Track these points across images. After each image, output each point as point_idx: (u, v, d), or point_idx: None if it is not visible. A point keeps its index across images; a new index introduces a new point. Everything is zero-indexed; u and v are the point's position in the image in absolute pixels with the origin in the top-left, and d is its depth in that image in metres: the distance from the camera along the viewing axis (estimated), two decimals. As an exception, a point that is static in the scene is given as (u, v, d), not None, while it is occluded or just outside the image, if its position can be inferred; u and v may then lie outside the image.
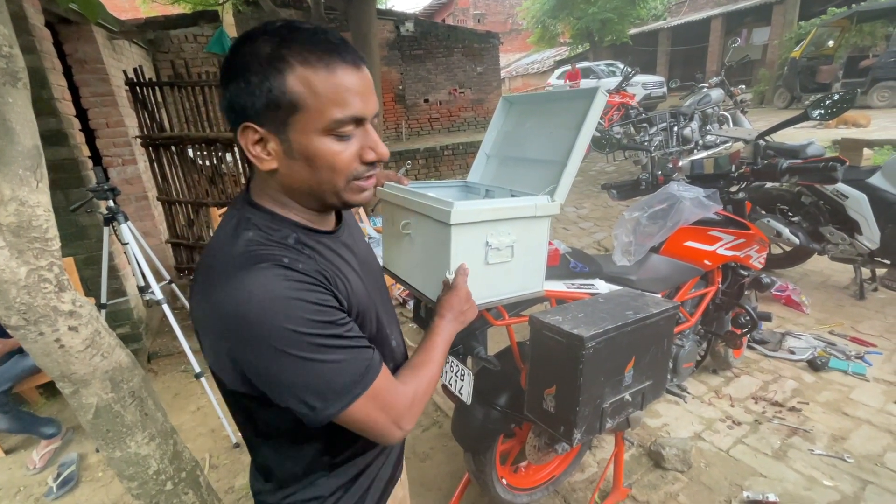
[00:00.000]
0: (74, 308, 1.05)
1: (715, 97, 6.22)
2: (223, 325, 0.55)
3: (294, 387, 0.57)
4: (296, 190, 0.62)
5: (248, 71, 0.55)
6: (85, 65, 3.52)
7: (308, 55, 0.54)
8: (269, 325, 0.53)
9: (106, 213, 2.15)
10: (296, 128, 0.57)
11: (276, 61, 0.54)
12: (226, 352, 0.58)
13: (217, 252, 0.60)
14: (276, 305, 0.54)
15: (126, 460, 1.19)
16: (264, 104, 0.55)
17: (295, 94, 0.55)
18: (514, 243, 1.08)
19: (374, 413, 0.61)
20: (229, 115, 0.59)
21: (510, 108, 1.49)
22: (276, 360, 0.55)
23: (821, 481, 1.69)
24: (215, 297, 0.55)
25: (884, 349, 2.43)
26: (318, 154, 0.58)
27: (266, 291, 0.54)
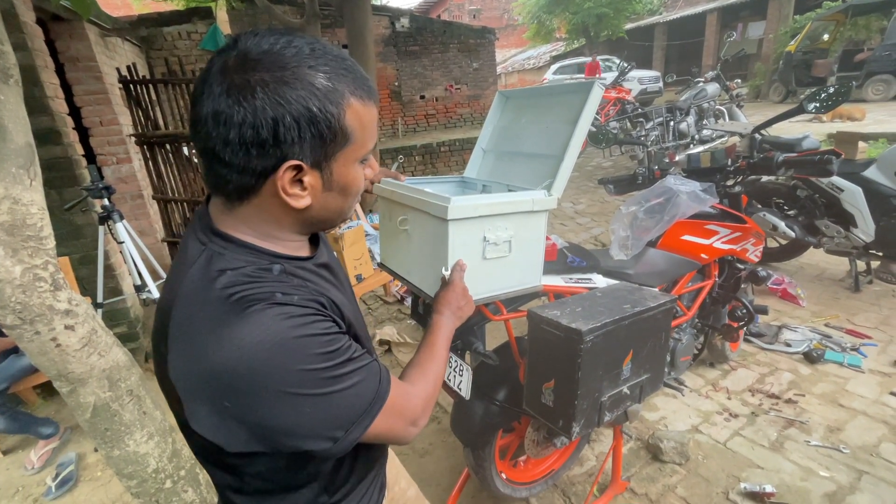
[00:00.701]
0: (70, 307, 1.05)
1: (711, 91, 6.23)
2: (221, 384, 0.49)
3: (315, 425, 0.53)
4: (314, 221, 0.60)
5: (303, 103, 0.49)
6: (77, 62, 3.49)
7: (357, 89, 0.54)
8: (280, 371, 0.49)
9: (101, 212, 2.14)
10: (340, 160, 0.55)
11: (334, 93, 0.51)
12: (228, 414, 0.50)
13: (193, 298, 0.52)
14: (283, 349, 0.49)
15: (125, 459, 1.19)
16: (319, 138, 0.52)
17: (349, 128, 0.54)
18: (511, 238, 1.08)
19: (393, 422, 0.61)
20: (252, 149, 0.49)
21: (506, 103, 1.49)
22: (294, 405, 0.50)
23: (817, 472, 1.71)
24: (207, 355, 0.48)
25: (879, 341, 2.45)
26: (353, 182, 0.59)
27: (268, 336, 0.48)
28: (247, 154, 0.50)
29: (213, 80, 0.50)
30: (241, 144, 0.49)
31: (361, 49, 4.43)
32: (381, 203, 1.29)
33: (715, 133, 5.73)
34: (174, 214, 4.01)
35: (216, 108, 0.49)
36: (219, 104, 0.49)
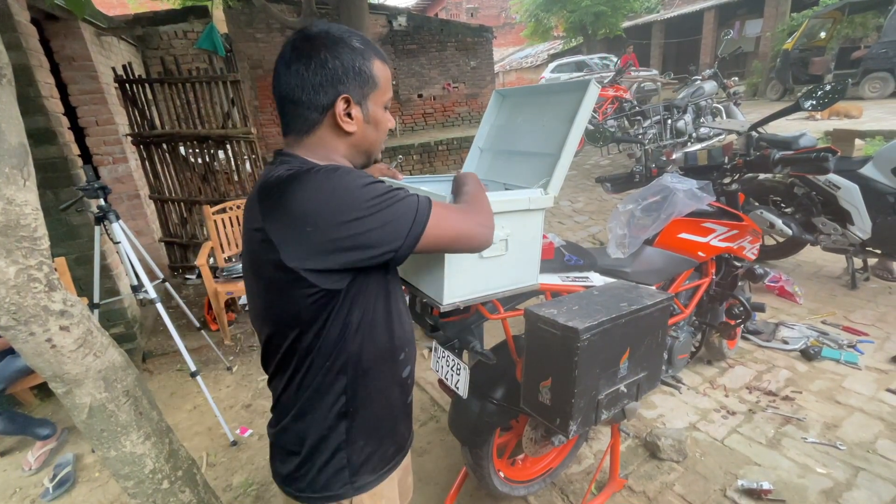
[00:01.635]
0: (65, 307, 1.04)
1: (708, 89, 6.23)
2: (306, 212, 0.66)
3: (373, 232, 0.68)
4: (359, 148, 0.81)
5: (349, 56, 0.73)
6: (72, 62, 3.47)
7: (378, 53, 0.78)
8: (345, 197, 0.67)
9: (96, 212, 2.13)
10: (372, 100, 0.78)
11: (366, 52, 0.75)
12: (313, 237, 0.66)
13: (280, 178, 0.69)
14: (344, 184, 0.68)
15: (121, 460, 1.19)
16: (360, 81, 0.75)
17: (377, 76, 0.77)
18: (508, 237, 1.08)
19: (453, 221, 0.77)
20: (319, 89, 0.73)
21: (503, 102, 1.49)
22: (362, 220, 0.67)
23: (814, 469, 1.71)
24: (291, 197, 0.66)
25: (876, 338, 2.46)
26: (382, 119, 0.81)
27: (346, 177, 0.69)
28: (315, 92, 0.73)
29: (288, 52, 0.74)
30: (311, 86, 0.73)
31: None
32: (378, 202, 1.28)
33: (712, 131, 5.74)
34: (171, 214, 4.00)
35: (291, 64, 0.73)
36: (297, 63, 0.73)
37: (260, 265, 0.72)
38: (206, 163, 3.81)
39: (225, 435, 2.20)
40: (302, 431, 0.79)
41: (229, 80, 3.52)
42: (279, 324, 0.75)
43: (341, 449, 0.79)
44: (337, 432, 0.78)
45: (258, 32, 7.87)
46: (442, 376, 1.42)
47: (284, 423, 0.81)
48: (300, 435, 0.79)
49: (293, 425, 0.79)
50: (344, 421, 0.79)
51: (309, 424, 0.78)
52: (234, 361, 2.89)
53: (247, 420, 2.34)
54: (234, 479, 1.97)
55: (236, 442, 2.18)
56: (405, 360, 0.86)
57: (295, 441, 0.79)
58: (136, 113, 3.66)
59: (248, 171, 3.83)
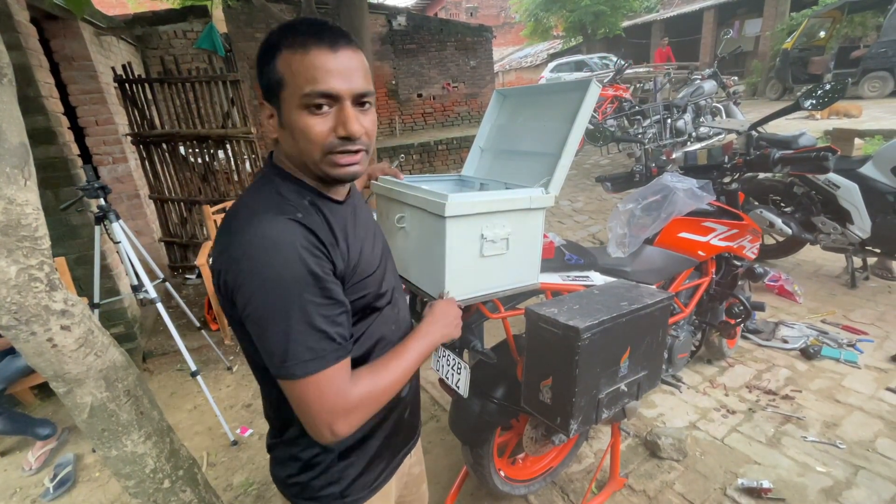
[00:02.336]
0: (66, 307, 1.04)
1: (708, 89, 6.23)
2: (233, 257, 0.61)
3: (263, 332, 0.62)
4: (291, 158, 0.70)
5: (260, 59, 0.66)
6: (72, 62, 3.47)
7: (292, 40, 0.63)
8: (267, 268, 0.60)
9: (97, 212, 2.12)
10: (283, 102, 0.65)
11: (273, 48, 0.64)
12: (229, 283, 0.62)
13: (245, 199, 0.68)
14: (279, 253, 0.60)
15: (122, 459, 1.19)
16: (266, 84, 0.66)
17: (280, 73, 0.64)
18: (509, 236, 1.08)
19: (310, 401, 0.63)
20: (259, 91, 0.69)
21: (504, 102, 1.49)
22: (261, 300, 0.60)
23: (814, 467, 1.72)
24: (234, 233, 0.63)
25: (875, 337, 2.46)
26: (296, 125, 0.65)
27: (276, 237, 0.61)
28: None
29: None
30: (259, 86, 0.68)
31: (358, 47, 4.41)
32: (379, 201, 1.29)
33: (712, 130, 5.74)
34: (171, 214, 4.00)
35: None
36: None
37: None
38: (205, 162, 3.81)
39: (225, 434, 2.20)
40: (289, 448, 0.77)
41: (229, 80, 3.52)
42: (241, 340, 0.70)
43: (331, 466, 0.76)
44: (325, 451, 0.75)
45: (258, 32, 7.86)
46: (442, 376, 1.42)
47: (272, 441, 0.80)
48: (289, 452, 0.77)
49: (280, 443, 0.78)
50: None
51: (294, 442, 0.76)
52: (235, 361, 2.89)
53: (247, 420, 2.34)
54: (234, 479, 1.97)
55: (237, 441, 2.18)
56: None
57: (285, 456, 0.78)
58: (136, 113, 3.66)
59: (247, 171, 3.83)
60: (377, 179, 1.25)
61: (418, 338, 0.81)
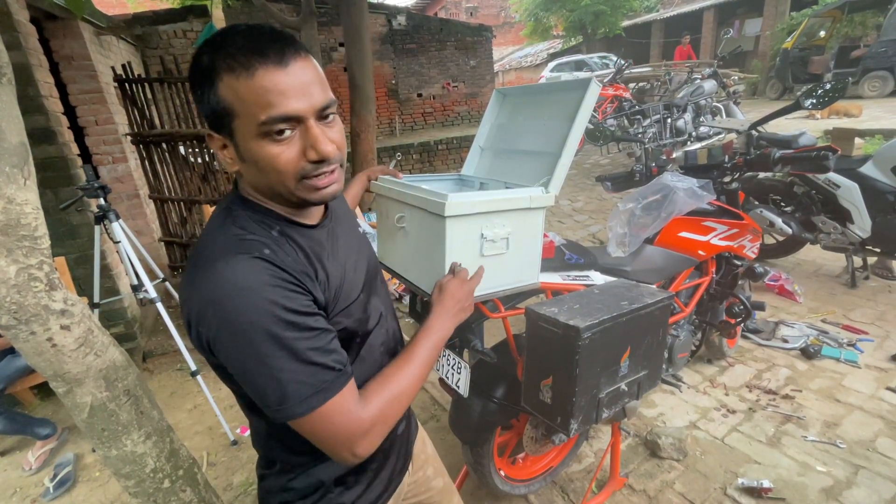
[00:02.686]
0: (66, 307, 1.04)
1: (708, 88, 6.23)
2: (199, 308, 0.56)
3: (251, 380, 0.58)
4: (260, 189, 0.64)
5: (195, 84, 0.57)
6: (72, 61, 3.47)
7: (231, 61, 0.54)
8: (237, 315, 0.55)
9: (96, 212, 2.12)
10: (238, 134, 0.58)
11: (210, 72, 0.55)
12: (201, 331, 0.58)
13: (206, 240, 0.62)
14: (247, 298, 0.55)
15: (122, 459, 1.18)
16: (211, 114, 0.58)
17: (226, 102, 0.56)
18: (509, 235, 1.08)
19: (323, 434, 0.60)
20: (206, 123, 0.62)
21: (504, 101, 1.49)
22: (239, 349, 0.56)
23: (814, 467, 1.72)
24: (196, 282, 0.57)
25: (875, 336, 2.46)
26: (259, 157, 0.58)
27: (241, 281, 0.55)
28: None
29: None
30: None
31: (358, 47, 4.42)
32: (379, 200, 1.28)
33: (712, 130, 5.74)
34: (171, 214, 4.00)
35: None
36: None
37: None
38: (205, 162, 3.80)
39: (225, 434, 2.20)
40: (280, 479, 0.73)
41: (229, 80, 3.52)
42: (224, 380, 0.67)
43: (328, 493, 0.73)
44: (320, 479, 0.72)
45: (257, 32, 7.86)
46: (442, 375, 1.42)
47: (263, 472, 0.76)
48: (280, 482, 0.73)
49: (271, 474, 0.74)
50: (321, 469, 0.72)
51: (285, 473, 0.72)
52: (235, 361, 2.89)
53: (247, 420, 2.34)
54: (234, 479, 1.97)
55: (237, 441, 2.18)
56: None
57: (277, 486, 0.74)
58: (136, 112, 3.65)
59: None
60: (377, 179, 1.25)
61: (427, 334, 0.77)
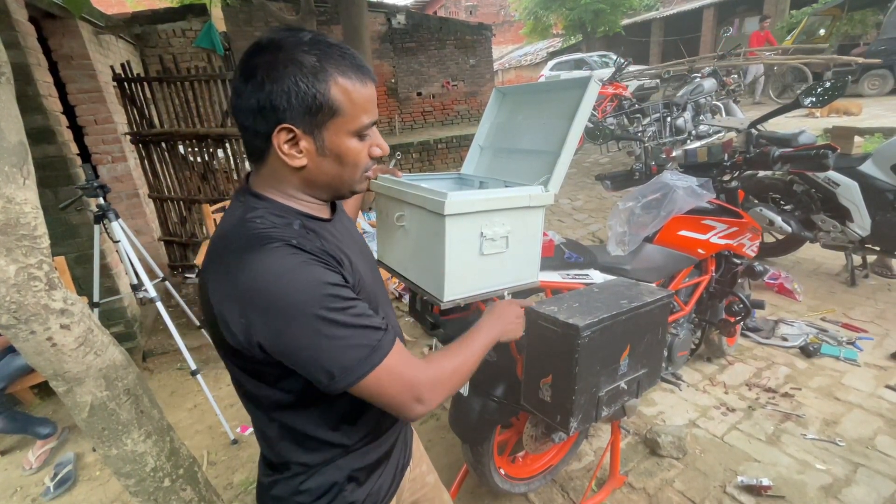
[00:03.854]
0: (66, 306, 1.04)
1: (707, 87, 6.23)
2: (242, 299, 0.59)
3: (309, 356, 0.60)
4: (317, 183, 0.69)
5: (292, 77, 0.60)
6: (71, 60, 3.46)
7: (346, 70, 0.63)
8: (282, 298, 0.58)
9: (96, 211, 2.12)
10: (331, 130, 0.64)
11: (321, 72, 0.61)
12: (246, 325, 0.60)
13: (228, 237, 0.64)
14: (287, 281, 0.58)
15: (122, 458, 1.19)
16: (305, 108, 0.62)
17: (335, 102, 0.63)
18: (508, 234, 1.08)
19: (392, 387, 0.64)
20: (257, 116, 0.62)
21: (503, 100, 1.49)
22: (291, 331, 0.59)
23: (813, 465, 1.72)
24: (232, 276, 0.59)
25: (875, 335, 2.47)
26: (348, 152, 0.67)
27: (279, 266, 0.58)
28: (254, 118, 0.63)
29: (238, 65, 0.64)
30: (249, 111, 0.62)
31: (357, 46, 4.41)
32: (379, 199, 1.28)
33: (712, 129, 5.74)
34: (170, 213, 4.00)
35: (235, 85, 0.63)
36: (237, 82, 0.63)
37: (205, 308, 0.65)
38: (205, 161, 3.80)
39: (225, 433, 2.20)
40: (292, 482, 0.73)
41: (228, 79, 3.51)
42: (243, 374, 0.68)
43: (343, 490, 0.74)
44: (335, 477, 0.73)
45: (256, 31, 7.85)
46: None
47: (270, 479, 0.75)
48: (293, 486, 0.73)
49: (281, 479, 0.74)
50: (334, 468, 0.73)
51: (298, 476, 0.73)
52: (235, 360, 2.89)
53: (247, 418, 2.34)
54: (234, 478, 1.98)
55: (237, 440, 2.18)
56: None
57: (289, 491, 0.74)
58: (135, 112, 3.65)
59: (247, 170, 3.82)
60: (376, 178, 1.25)
61: (479, 331, 0.83)
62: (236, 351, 0.63)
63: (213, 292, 0.61)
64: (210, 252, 0.65)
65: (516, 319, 0.93)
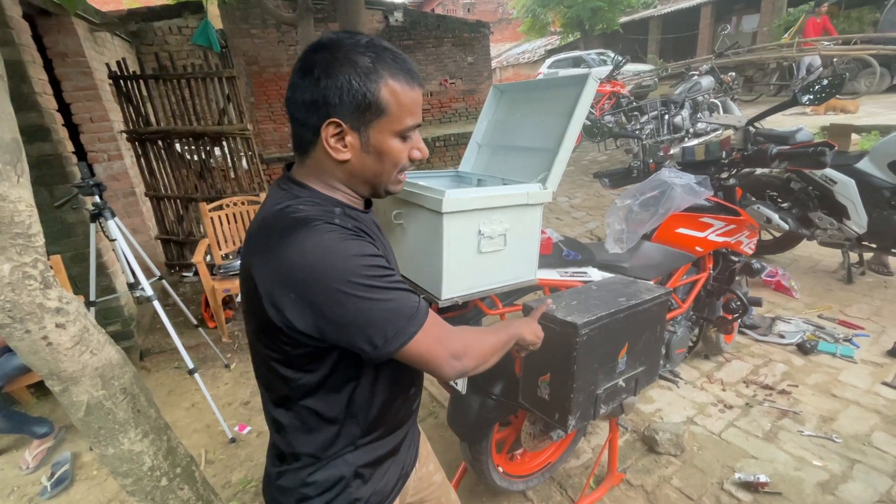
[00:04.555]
0: (61, 305, 1.03)
1: (705, 85, 6.23)
2: (289, 275, 0.61)
3: (357, 325, 0.63)
4: (358, 178, 0.72)
5: (346, 76, 0.64)
6: (66, 58, 3.44)
7: (397, 73, 0.67)
8: (329, 270, 0.61)
9: (92, 210, 2.11)
10: (376, 128, 0.68)
11: (374, 73, 0.65)
12: (294, 301, 0.62)
13: (272, 220, 0.67)
14: (332, 253, 0.62)
15: (119, 457, 1.18)
16: (355, 105, 0.65)
17: (384, 102, 0.66)
18: (506, 231, 1.08)
19: (433, 346, 0.67)
20: (309, 109, 0.66)
21: (501, 97, 1.48)
22: (339, 301, 0.61)
23: (810, 461, 1.73)
24: (279, 253, 0.62)
25: (871, 331, 2.47)
26: (389, 151, 0.70)
27: (323, 242, 0.62)
28: (306, 111, 0.66)
29: (297, 63, 0.67)
30: (302, 104, 0.66)
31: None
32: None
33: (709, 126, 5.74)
34: (167, 211, 3.98)
35: (293, 79, 0.67)
36: (295, 76, 0.67)
37: (248, 294, 0.68)
38: (202, 160, 3.78)
39: (223, 432, 2.19)
40: (300, 473, 0.74)
41: (225, 76, 3.50)
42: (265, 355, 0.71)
43: (350, 485, 0.75)
44: (343, 471, 0.75)
45: (253, 28, 7.82)
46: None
47: (279, 469, 0.76)
48: (300, 477, 0.74)
49: (290, 470, 0.75)
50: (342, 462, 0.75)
51: (307, 467, 0.74)
52: (232, 359, 2.88)
53: (245, 417, 2.34)
54: (232, 476, 1.97)
55: (235, 439, 2.18)
56: (416, 394, 0.85)
57: (296, 482, 0.75)
58: (131, 109, 3.63)
59: (244, 168, 3.80)
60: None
61: (507, 324, 0.87)
62: (276, 333, 0.65)
63: (258, 274, 0.64)
64: (252, 237, 0.68)
65: (535, 324, 0.97)
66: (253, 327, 0.70)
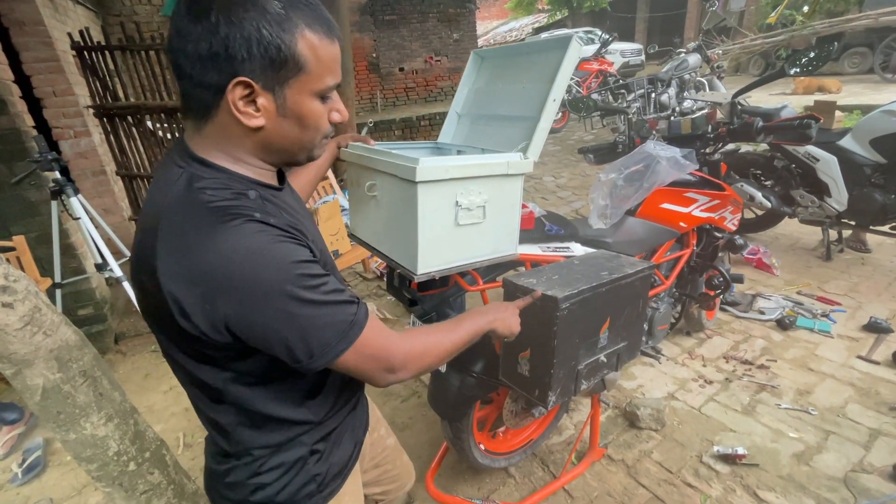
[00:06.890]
0: (7, 283, 0.96)
1: (692, 62, 6.17)
2: (209, 281, 0.53)
3: (279, 339, 0.57)
4: (272, 147, 0.62)
5: (253, 23, 0.52)
6: (23, 26, 3.22)
7: (314, 23, 0.57)
8: (259, 281, 0.54)
9: (52, 186, 2.00)
10: (294, 88, 0.58)
11: (287, 22, 0.54)
12: (211, 309, 0.55)
13: (180, 210, 0.56)
14: (263, 260, 0.54)
15: (82, 442, 1.13)
16: (268, 61, 0.55)
17: (301, 57, 0.56)
18: (485, 203, 1.03)
19: (362, 363, 0.63)
20: (207, 64, 0.53)
21: (482, 64, 1.42)
22: (267, 314, 0.55)
23: (786, 433, 1.75)
24: (197, 254, 0.53)
25: (848, 307, 2.52)
26: (311, 114, 0.61)
27: (246, 245, 0.54)
28: (202, 67, 0.54)
29: (181, 4, 0.54)
30: (197, 57, 0.53)
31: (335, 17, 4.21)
32: (350, 169, 1.22)
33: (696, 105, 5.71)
34: (140, 191, 3.82)
35: (179, 24, 0.54)
36: (182, 20, 0.53)
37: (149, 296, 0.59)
38: (175, 136, 3.63)
39: (202, 415, 2.15)
40: (253, 465, 0.69)
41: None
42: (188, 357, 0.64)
43: (307, 463, 0.72)
44: (298, 451, 0.71)
45: None
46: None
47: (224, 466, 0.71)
48: (253, 469, 0.70)
49: (240, 465, 0.70)
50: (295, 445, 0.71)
51: (259, 458, 0.69)
52: (211, 341, 2.82)
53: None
54: (211, 459, 1.93)
55: (214, 422, 2.13)
56: None
57: (247, 474, 0.70)
58: (97, 83, 3.43)
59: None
60: (347, 147, 1.18)
61: (467, 316, 0.81)
62: (188, 337, 0.57)
63: (164, 274, 0.54)
64: (151, 228, 0.56)
65: (512, 316, 0.91)
66: (164, 336, 0.62)
